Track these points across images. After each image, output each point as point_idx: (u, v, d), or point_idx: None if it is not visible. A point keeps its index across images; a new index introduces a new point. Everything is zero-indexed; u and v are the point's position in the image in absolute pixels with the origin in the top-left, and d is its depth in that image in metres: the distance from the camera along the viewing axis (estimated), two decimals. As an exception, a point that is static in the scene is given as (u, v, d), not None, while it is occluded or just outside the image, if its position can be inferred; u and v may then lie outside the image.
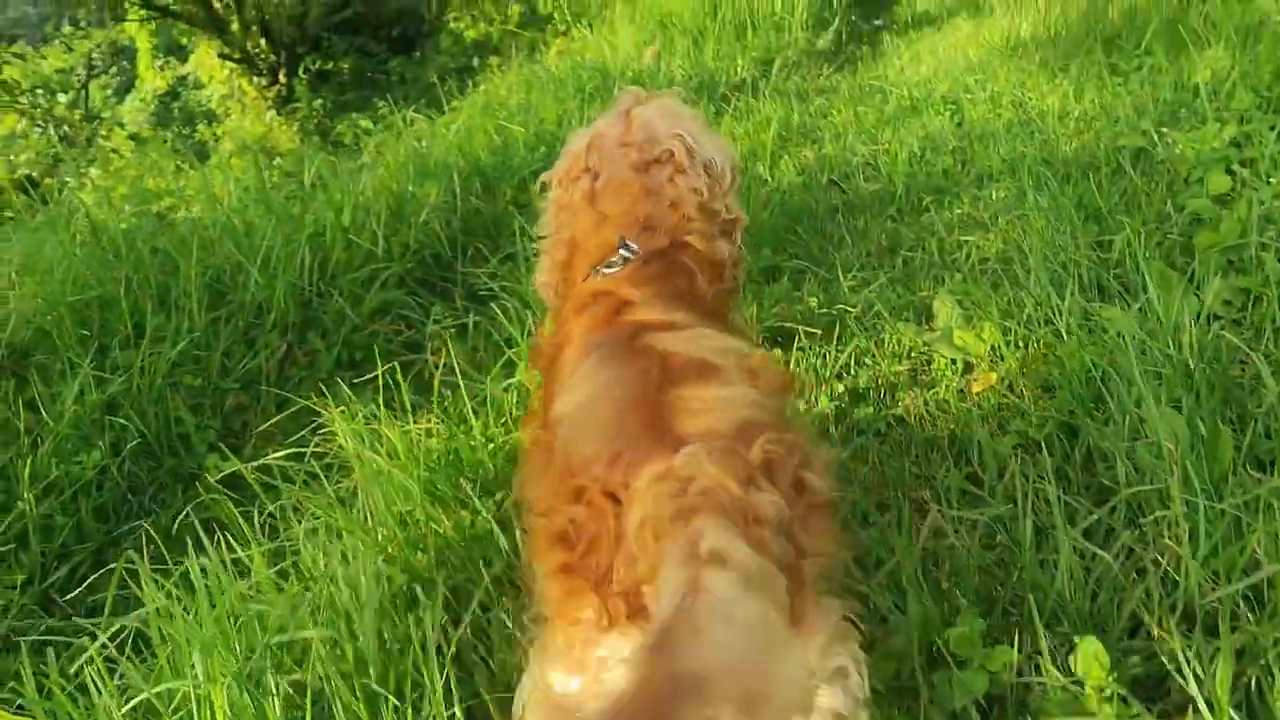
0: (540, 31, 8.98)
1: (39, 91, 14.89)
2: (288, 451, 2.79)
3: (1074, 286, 2.97)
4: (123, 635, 2.16)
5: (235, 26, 14.41)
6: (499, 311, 3.28)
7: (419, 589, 2.06)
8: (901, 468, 2.53)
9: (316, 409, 2.98)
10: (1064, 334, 2.83)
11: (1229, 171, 3.42)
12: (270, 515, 2.64)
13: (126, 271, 3.50)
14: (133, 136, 15.82)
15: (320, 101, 12.15)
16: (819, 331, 3.14)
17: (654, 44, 7.16)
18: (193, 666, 1.87)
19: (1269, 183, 3.31)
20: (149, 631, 2.07)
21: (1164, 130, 3.75)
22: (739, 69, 6.63)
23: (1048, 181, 3.68)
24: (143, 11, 15.77)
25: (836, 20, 7.77)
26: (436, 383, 2.86)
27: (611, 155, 2.16)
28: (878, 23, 9.08)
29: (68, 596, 2.59)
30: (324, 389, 3.41)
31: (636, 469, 1.36)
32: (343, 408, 2.71)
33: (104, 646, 2.03)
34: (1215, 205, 3.25)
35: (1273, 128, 3.56)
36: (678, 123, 2.21)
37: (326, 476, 2.68)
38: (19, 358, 3.19)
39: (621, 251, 2.01)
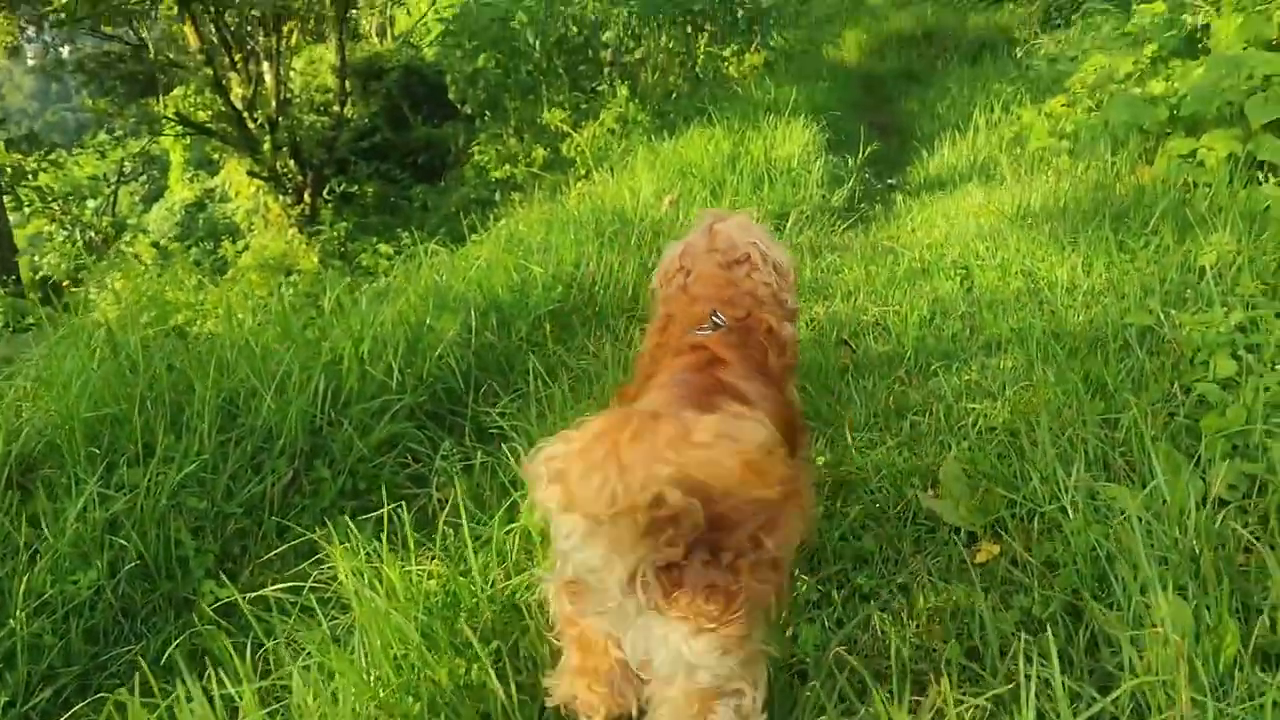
0: (563, 174, 9.22)
1: (69, 196, 15.23)
2: (286, 585, 2.78)
3: (1080, 463, 2.99)
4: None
5: (266, 146, 14.85)
6: (507, 452, 3.30)
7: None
8: (902, 638, 2.51)
9: (318, 541, 2.98)
10: (1069, 511, 2.83)
11: (1235, 356, 3.47)
12: (263, 648, 2.61)
13: (141, 389, 3.53)
14: (155, 245, 16.11)
15: (343, 224, 12.43)
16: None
17: (673, 192, 7.34)
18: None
19: (1275, 369, 3.35)
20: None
21: (1170, 311, 3.81)
22: (756, 218, 6.78)
23: (1056, 354, 3.73)
24: (179, 128, 16.27)
25: (851, 179, 7.99)
26: (440, 521, 2.85)
27: (700, 257, 2.81)
28: (891, 182, 9.32)
29: (49, 721, 2.55)
30: (326, 519, 3.43)
31: None
32: (345, 543, 2.70)
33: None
34: (1221, 389, 3.29)
35: (1278, 315, 3.63)
36: (751, 233, 2.85)
37: (323, 611, 2.66)
38: (27, 470, 3.20)
39: (714, 318, 2.64)
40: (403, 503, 3.08)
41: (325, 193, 16.10)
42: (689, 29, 11.46)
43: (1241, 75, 5.80)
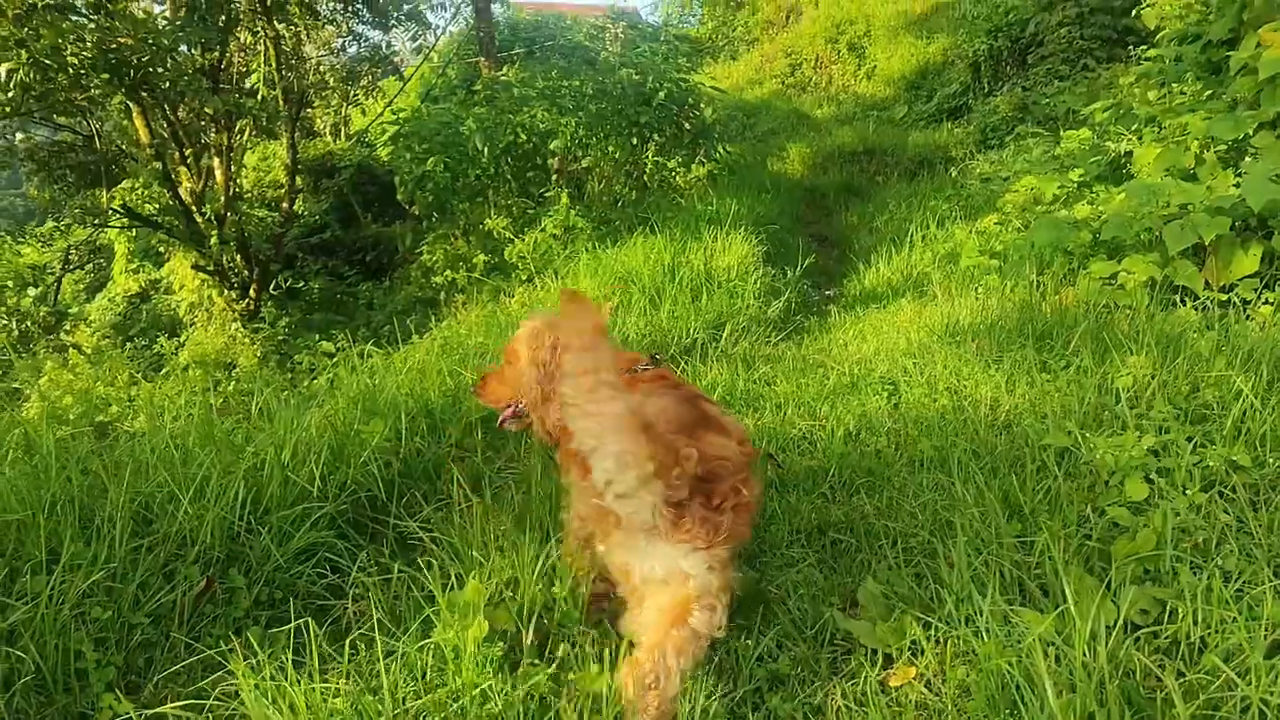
0: (506, 278, 9.29)
1: (9, 285, 15.02)
2: (186, 703, 2.70)
3: (995, 586, 3.02)
4: None
5: (214, 241, 14.81)
6: (423, 565, 3.26)
7: None
8: (813, 765, 2.49)
9: (222, 659, 2.91)
10: (983, 634, 2.84)
11: (1147, 480, 3.55)
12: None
13: (52, 493, 3.46)
14: (94, 334, 15.88)
15: (285, 320, 12.38)
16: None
17: (613, 299, 7.42)
18: None
19: (1185, 493, 3.43)
20: None
21: (1087, 433, 3.89)
22: (691, 330, 6.87)
23: (976, 474, 3.78)
24: (125, 220, 16.19)
25: (788, 290, 8.13)
26: (349, 640, 2.80)
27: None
28: (829, 293, 9.51)
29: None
30: (240, 629, 3.35)
31: None
32: (250, 659, 2.64)
33: None
34: (1133, 513, 3.35)
35: (1189, 439, 3.72)
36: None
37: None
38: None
39: (652, 359, 3.42)
40: (315, 615, 3.03)
41: (271, 288, 16.05)
42: (635, 140, 11.70)
43: (1159, 202, 6.04)
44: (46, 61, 9.24)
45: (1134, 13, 10.10)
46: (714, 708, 2.69)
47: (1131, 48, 12.62)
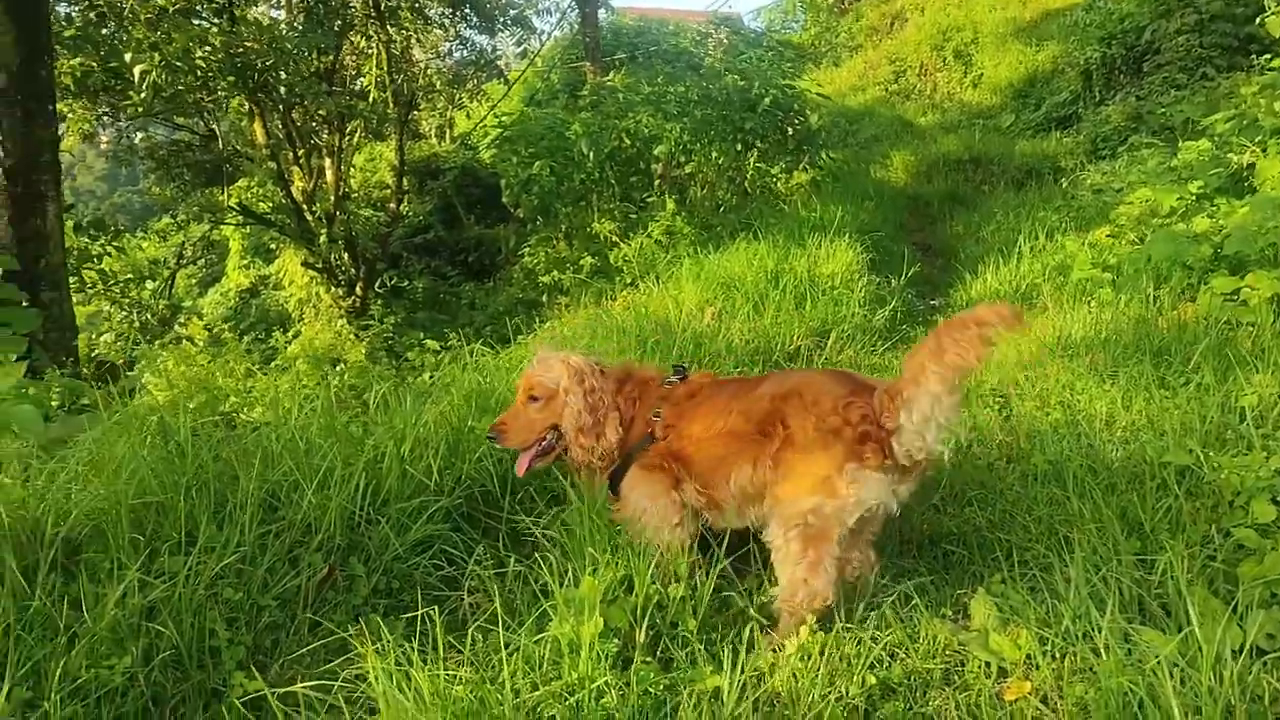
0: (609, 281, 9.38)
1: (129, 280, 15.66)
2: (315, 683, 2.81)
3: (1114, 603, 2.97)
4: None
5: (323, 239, 15.23)
6: (539, 561, 3.34)
7: None
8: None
9: (349, 639, 3.02)
10: (1102, 651, 2.80)
11: (1275, 501, 3.45)
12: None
13: (188, 478, 3.62)
14: (208, 328, 16.43)
15: (392, 318, 12.63)
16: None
17: (716, 305, 7.45)
18: None
19: (1315, 517, 3.33)
20: None
21: (1209, 452, 3.80)
22: (795, 337, 6.86)
23: (1093, 490, 3.72)
24: (240, 217, 16.75)
25: (894, 299, 8.06)
26: (471, 628, 2.87)
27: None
28: (934, 303, 9.39)
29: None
30: (359, 616, 3.47)
31: None
32: (377, 643, 2.73)
33: None
34: (1260, 535, 3.27)
35: (1319, 461, 3.61)
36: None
37: (350, 712, 2.68)
38: (72, 552, 3.27)
39: (677, 371, 3.78)
40: (435, 605, 3.12)
41: (376, 286, 16.44)
42: (739, 146, 11.71)
43: (1286, 218, 5.85)
44: (177, 64, 9.66)
45: (1258, 20, 9.78)
46: (829, 709, 2.70)
47: (1254, 56, 12.19)
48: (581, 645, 2.87)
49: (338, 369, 9.03)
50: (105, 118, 15.35)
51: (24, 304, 5.94)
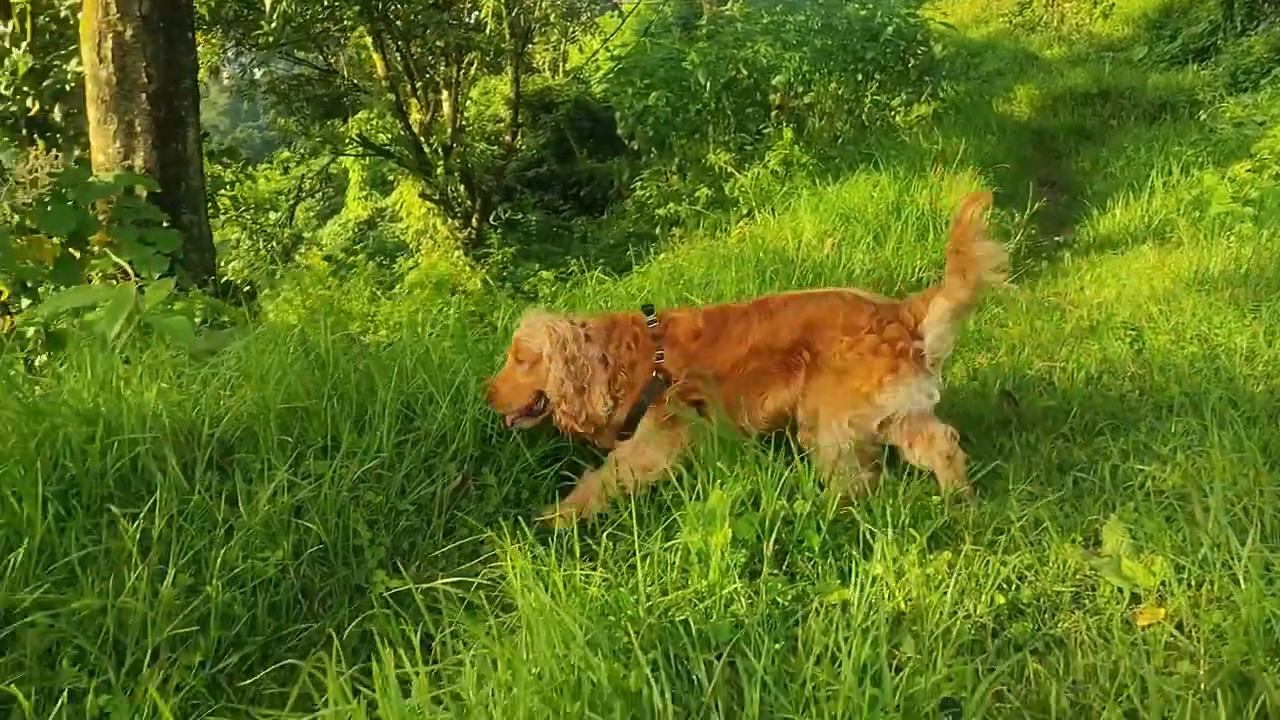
0: (724, 213, 9.34)
1: (256, 208, 16.16)
2: (455, 579, 2.93)
3: (1255, 533, 2.90)
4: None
5: (440, 171, 15.44)
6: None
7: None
8: (1058, 692, 2.48)
9: (488, 539, 3.13)
10: (1242, 580, 2.75)
11: None
12: (428, 637, 2.75)
13: (329, 387, 3.77)
14: (328, 258, 16.87)
15: (507, 249, 12.85)
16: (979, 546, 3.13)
17: (835, 236, 7.37)
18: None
19: None
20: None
21: (1360, 387, 3.66)
22: (917, 269, 6.77)
23: (1233, 421, 3.62)
24: (360, 148, 17.07)
25: (1019, 234, 7.87)
26: (603, 535, 2.95)
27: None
28: (1059, 239, 9.13)
29: (237, 685, 2.74)
30: (490, 522, 3.59)
31: None
32: (517, 543, 2.83)
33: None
34: None
35: None
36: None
37: (486, 609, 2.79)
38: (225, 453, 3.44)
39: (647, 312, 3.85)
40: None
41: (491, 219, 16.64)
42: (859, 76, 11.47)
43: None
44: (308, -8, 9.84)
45: None
46: (957, 626, 2.72)
47: None
48: (710, 555, 2.93)
49: (455, 298, 9.24)
50: (230, 52, 15.75)
51: (166, 225, 6.20)
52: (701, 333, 3.70)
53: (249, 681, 2.79)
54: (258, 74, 19.90)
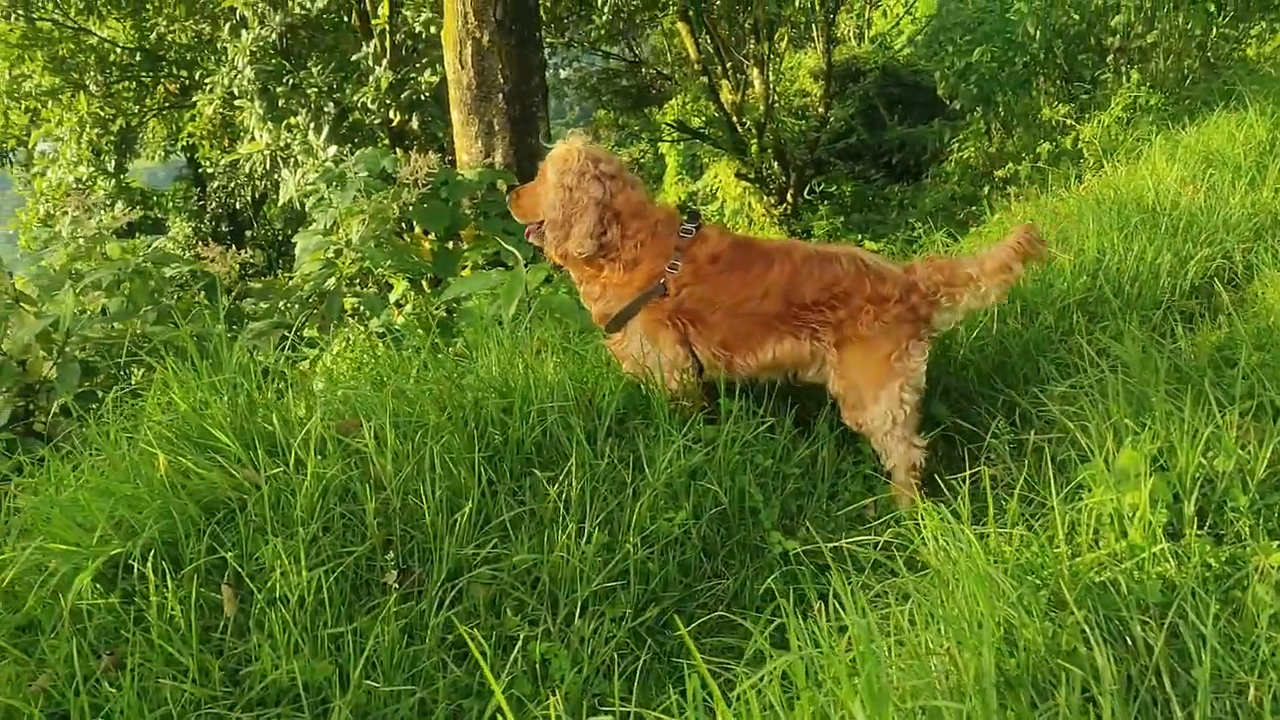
0: (1058, 167, 8.85)
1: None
2: (858, 539, 2.96)
3: None
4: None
5: (754, 149, 15.58)
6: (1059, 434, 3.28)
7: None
8: None
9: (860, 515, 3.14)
10: None
11: None
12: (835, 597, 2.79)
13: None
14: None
15: (826, 222, 12.78)
16: None
17: (1197, 181, 6.80)
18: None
19: None
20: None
21: None
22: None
23: None
24: (676, 133, 17.53)
25: None
26: (1016, 496, 2.89)
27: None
28: None
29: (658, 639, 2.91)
30: (871, 486, 3.61)
31: None
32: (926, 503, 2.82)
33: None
34: None
35: None
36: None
37: (899, 566, 2.80)
38: (619, 421, 3.64)
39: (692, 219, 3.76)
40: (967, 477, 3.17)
41: (805, 192, 16.62)
42: (1211, 7, 10.49)
43: None
44: (635, -18, 10.21)
45: None
46: None
47: None
48: (1124, 515, 2.80)
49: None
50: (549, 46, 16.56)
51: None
52: (720, 258, 3.62)
53: (669, 635, 2.94)
54: (563, 73, 20.86)
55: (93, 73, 15.32)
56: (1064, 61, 11.21)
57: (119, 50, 15.37)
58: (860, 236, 10.31)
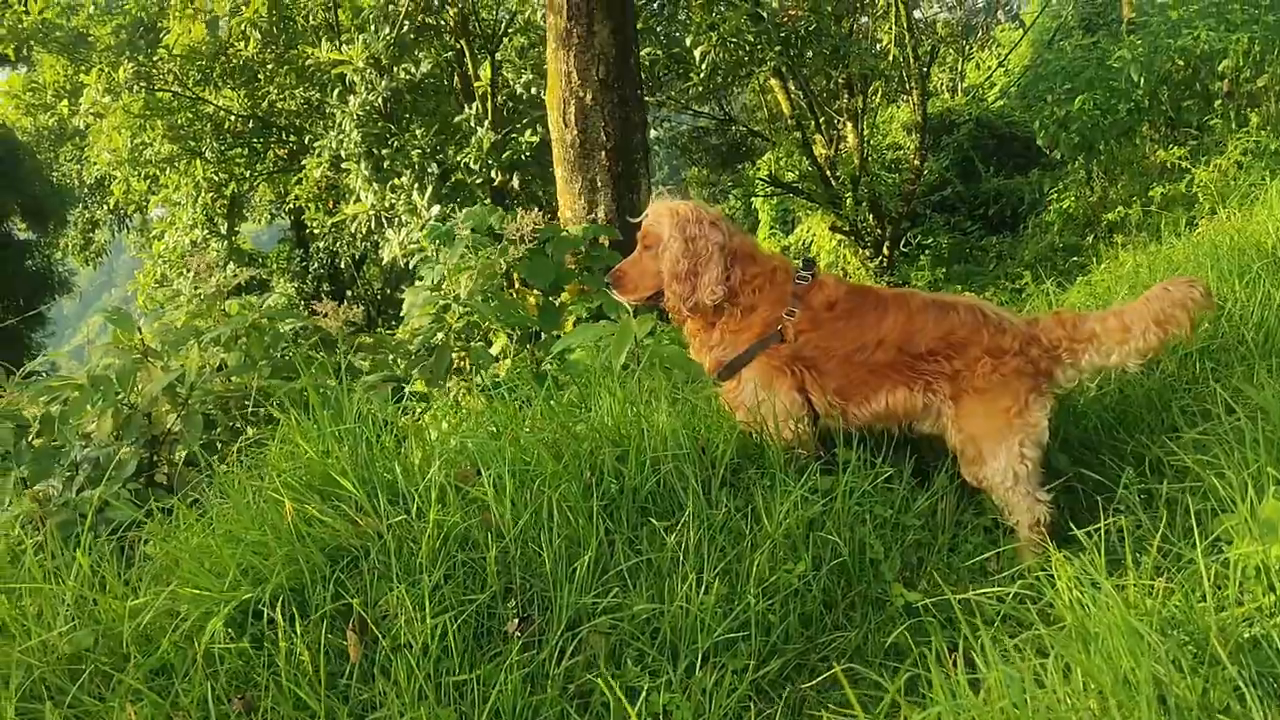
0: (1184, 211, 8.64)
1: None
2: (987, 591, 2.88)
3: None
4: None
5: (849, 202, 15.54)
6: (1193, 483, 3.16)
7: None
8: None
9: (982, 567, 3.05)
10: None
11: None
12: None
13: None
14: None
15: (924, 274, 12.64)
16: None
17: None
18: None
19: None
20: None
21: None
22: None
23: None
24: (770, 188, 17.58)
25: None
26: (1155, 547, 2.78)
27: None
28: None
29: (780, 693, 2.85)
30: (992, 540, 3.52)
31: None
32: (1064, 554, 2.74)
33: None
34: None
35: None
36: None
37: (1035, 618, 2.71)
38: (733, 471, 3.61)
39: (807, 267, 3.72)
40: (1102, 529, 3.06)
41: (901, 244, 16.50)
42: (1324, 50, 10.23)
43: None
44: (732, 40, 10.34)
45: None
46: None
47: None
48: (1271, 569, 2.68)
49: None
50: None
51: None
52: (837, 305, 3.60)
53: (790, 689, 2.88)
54: (654, 132, 21.12)
55: (208, 140, 16.03)
56: (1169, 107, 11.00)
57: (233, 118, 16.04)
58: (960, 288, 10.14)
